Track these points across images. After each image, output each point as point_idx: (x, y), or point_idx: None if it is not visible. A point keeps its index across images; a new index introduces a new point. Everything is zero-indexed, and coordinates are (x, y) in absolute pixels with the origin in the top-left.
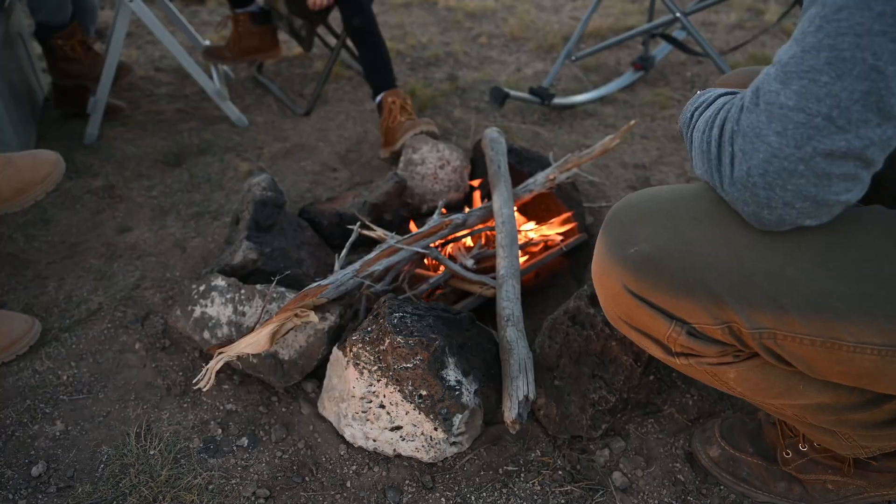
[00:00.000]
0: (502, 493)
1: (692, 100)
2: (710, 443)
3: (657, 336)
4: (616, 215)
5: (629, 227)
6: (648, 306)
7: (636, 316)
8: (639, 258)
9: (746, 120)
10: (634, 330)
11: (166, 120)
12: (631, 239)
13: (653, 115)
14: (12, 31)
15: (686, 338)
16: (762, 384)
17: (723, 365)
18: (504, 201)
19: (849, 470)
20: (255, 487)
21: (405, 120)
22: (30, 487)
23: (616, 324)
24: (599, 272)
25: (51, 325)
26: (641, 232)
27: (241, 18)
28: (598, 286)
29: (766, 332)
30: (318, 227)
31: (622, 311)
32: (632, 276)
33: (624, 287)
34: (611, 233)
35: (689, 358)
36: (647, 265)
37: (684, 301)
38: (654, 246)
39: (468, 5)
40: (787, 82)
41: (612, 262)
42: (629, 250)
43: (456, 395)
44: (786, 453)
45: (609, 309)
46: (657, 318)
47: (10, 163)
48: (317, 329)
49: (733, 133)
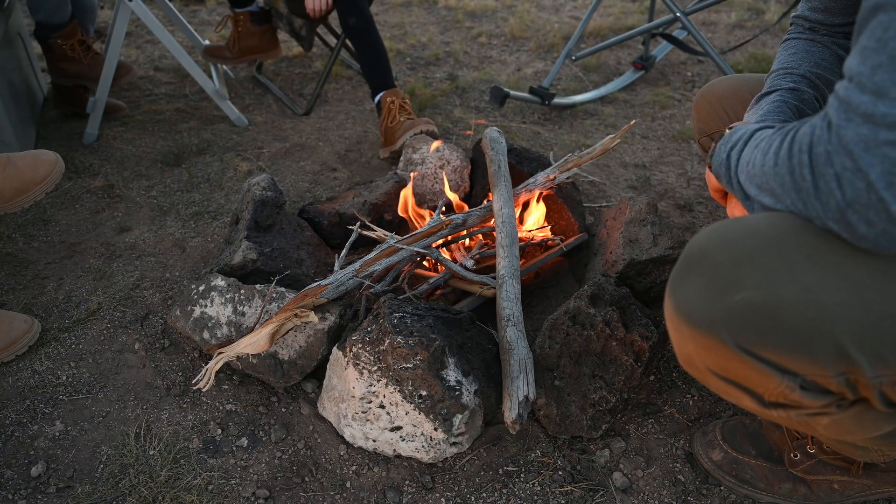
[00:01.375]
0: (502, 493)
1: (721, 142)
2: (712, 446)
3: (754, 388)
4: (708, 253)
5: (731, 269)
6: (757, 360)
7: (734, 369)
8: (749, 308)
9: (848, 135)
10: (725, 381)
11: (166, 120)
12: (735, 283)
13: (653, 114)
14: (12, 31)
15: (799, 392)
16: (852, 428)
17: (821, 415)
18: (504, 201)
19: (857, 471)
20: (254, 488)
21: (405, 119)
22: (29, 488)
23: (701, 375)
24: (691, 321)
25: (50, 325)
26: (749, 276)
27: (240, 18)
28: (688, 337)
29: (885, 379)
30: (318, 226)
31: (715, 363)
32: (739, 327)
33: (727, 340)
34: (704, 273)
35: (788, 410)
36: (759, 315)
37: (802, 354)
38: (769, 293)
39: (468, 5)
40: (882, 94)
41: (712, 309)
42: (734, 297)
43: (456, 396)
44: (794, 455)
45: (698, 360)
46: (764, 373)
47: (10, 163)
48: (317, 329)
49: (829, 154)
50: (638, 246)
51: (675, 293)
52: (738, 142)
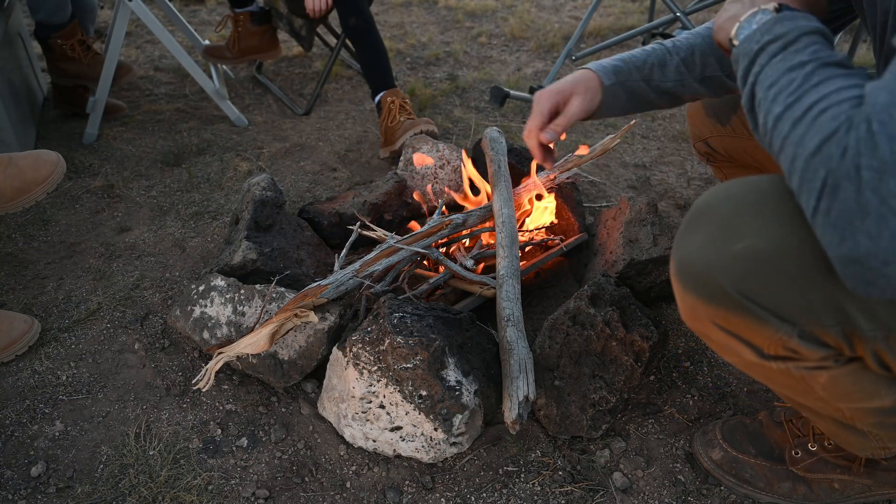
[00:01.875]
0: (502, 493)
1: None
2: (712, 445)
3: (753, 339)
4: (712, 206)
5: (732, 221)
6: (757, 307)
7: (735, 318)
8: (750, 255)
9: (845, 191)
10: (725, 332)
11: (166, 119)
12: (737, 233)
13: (653, 114)
14: (12, 31)
15: (797, 341)
16: (850, 388)
17: (819, 369)
18: (504, 201)
19: (858, 469)
20: (254, 488)
21: (405, 119)
22: (29, 488)
23: (699, 325)
24: (692, 270)
25: (50, 325)
26: (750, 225)
27: (240, 18)
28: (690, 285)
29: (880, 335)
30: (318, 226)
31: (716, 313)
32: (741, 274)
33: (728, 287)
34: (707, 225)
35: (787, 362)
36: (760, 262)
37: (801, 302)
38: (769, 241)
39: (468, 5)
40: (890, 172)
41: (715, 259)
42: (736, 246)
43: (456, 396)
44: (794, 452)
45: (699, 309)
46: (764, 321)
47: (11, 163)
48: (316, 329)
49: (833, 184)
50: (638, 246)
51: (680, 247)
52: (779, 38)
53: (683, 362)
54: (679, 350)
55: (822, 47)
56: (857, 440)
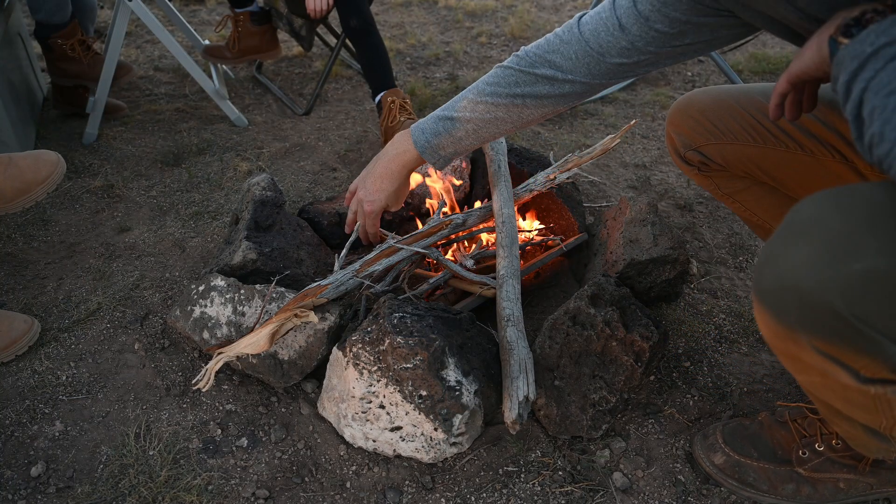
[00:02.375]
0: (502, 493)
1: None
2: (714, 449)
3: (854, 363)
4: (821, 219)
5: (849, 236)
6: (871, 330)
7: (838, 341)
8: (870, 276)
9: None
10: (822, 355)
11: (166, 119)
12: (854, 251)
13: (653, 114)
14: (12, 31)
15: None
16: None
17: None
18: (504, 201)
19: (864, 469)
20: (254, 488)
21: (405, 119)
22: (29, 488)
23: (794, 347)
24: (798, 289)
25: (50, 325)
26: (869, 243)
27: (240, 18)
28: (788, 305)
29: None
30: (318, 226)
31: (817, 336)
32: (857, 296)
33: (842, 309)
34: (818, 240)
35: (885, 386)
36: (880, 284)
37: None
38: (892, 261)
39: (468, 5)
40: None
41: (825, 277)
42: (855, 266)
43: (456, 396)
44: (802, 452)
45: (796, 332)
46: (875, 345)
47: (11, 163)
48: (316, 329)
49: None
50: (638, 246)
51: (778, 262)
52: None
53: (683, 362)
54: (679, 350)
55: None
56: (878, 444)
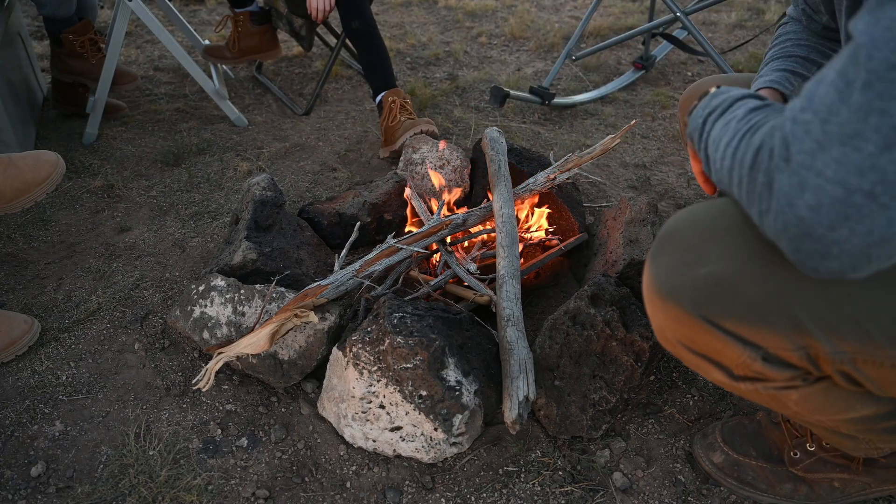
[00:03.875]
0: (502, 493)
1: (703, 102)
2: (713, 448)
3: (723, 361)
4: (678, 230)
5: (696, 246)
6: (720, 331)
7: (701, 340)
8: (712, 280)
9: (778, 180)
10: (694, 354)
11: (165, 119)
12: (700, 259)
13: (653, 114)
14: (12, 31)
15: (761, 364)
16: (822, 405)
17: (789, 389)
18: (504, 201)
19: (857, 468)
20: (254, 488)
21: (405, 119)
22: (29, 488)
23: (672, 347)
24: (660, 293)
25: (50, 325)
26: (713, 251)
27: (240, 18)
28: (658, 308)
29: (846, 357)
30: (318, 226)
31: (684, 335)
32: (703, 298)
33: (692, 310)
34: (674, 250)
35: (755, 383)
36: (721, 287)
37: (762, 326)
38: (730, 267)
39: (468, 5)
40: (826, 146)
41: (679, 282)
42: (699, 271)
43: (456, 396)
44: (793, 453)
45: (668, 332)
46: (728, 344)
47: (11, 163)
48: (316, 329)
49: (766, 181)
50: (638, 246)
51: (648, 269)
52: (716, 108)
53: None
54: None
55: (753, 102)
56: (848, 442)
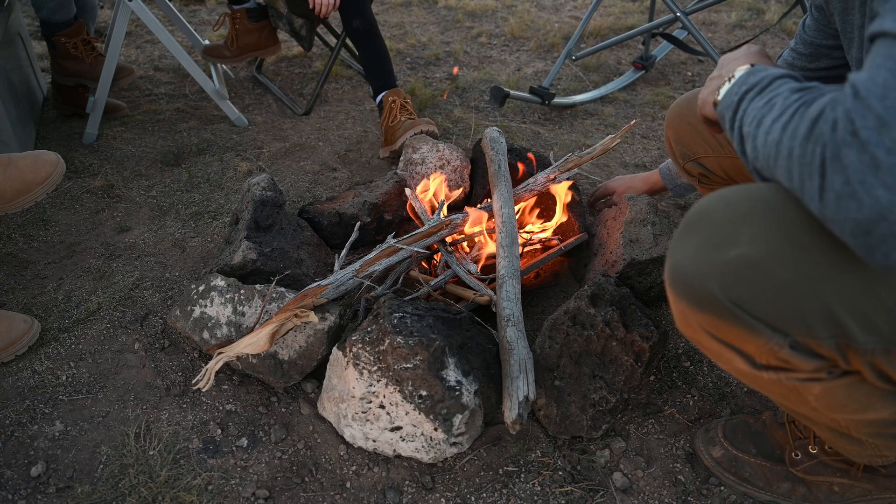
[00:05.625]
0: (502, 493)
1: (738, 79)
2: (713, 443)
3: (745, 349)
4: (708, 212)
5: (727, 228)
6: (747, 315)
7: (726, 326)
8: (743, 262)
9: (847, 156)
10: (717, 341)
11: (165, 119)
12: (732, 240)
13: (653, 114)
14: (12, 31)
15: (788, 351)
16: (843, 401)
17: (812, 381)
18: (504, 201)
19: (857, 474)
20: (254, 488)
21: (405, 119)
22: (29, 488)
23: (692, 333)
24: (685, 276)
25: (50, 325)
26: (745, 233)
27: (237, 15)
28: (682, 291)
29: (879, 348)
30: (318, 226)
31: (707, 320)
32: (733, 281)
33: (720, 294)
34: (702, 231)
35: (779, 372)
36: (752, 270)
37: (793, 312)
38: (763, 249)
39: (468, 5)
40: (890, 123)
41: (707, 265)
42: (730, 253)
43: (456, 396)
44: (795, 454)
45: (691, 317)
46: (754, 330)
47: (11, 163)
48: (316, 329)
49: (832, 155)
50: (638, 246)
51: (674, 253)
52: (755, 86)
53: (683, 362)
54: (679, 350)
55: (795, 83)
56: (854, 448)
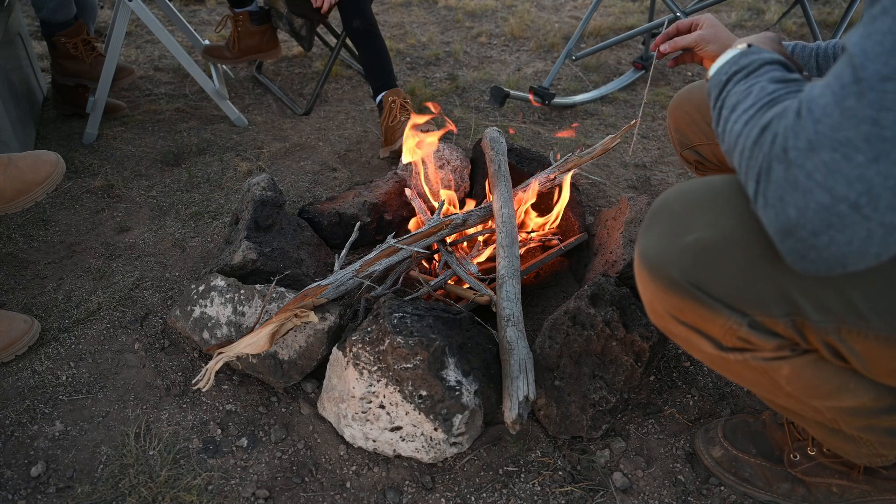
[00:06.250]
0: (502, 493)
1: (732, 57)
2: (713, 443)
3: (709, 331)
4: (667, 204)
5: (685, 216)
6: (707, 296)
7: (689, 309)
8: (699, 246)
9: (775, 170)
10: (683, 325)
11: (166, 119)
12: (689, 227)
13: (653, 114)
14: (12, 31)
15: (747, 330)
16: (814, 381)
17: (778, 360)
18: (504, 201)
19: (857, 476)
20: (254, 488)
21: (405, 119)
22: (29, 488)
23: (660, 320)
24: (649, 263)
25: (50, 325)
26: (700, 219)
27: (240, 18)
28: (648, 278)
29: (830, 327)
30: (318, 226)
31: (672, 305)
32: (690, 264)
33: (679, 277)
34: (663, 221)
35: (744, 353)
36: (708, 253)
37: (748, 291)
38: (717, 233)
39: (468, 5)
40: (817, 148)
41: (667, 251)
42: (687, 238)
43: (456, 396)
44: (793, 456)
45: (657, 302)
46: (715, 310)
47: (11, 163)
48: (316, 329)
49: (766, 166)
50: None
51: (640, 244)
52: (743, 68)
53: (683, 362)
54: (679, 350)
55: (781, 72)
56: (850, 447)
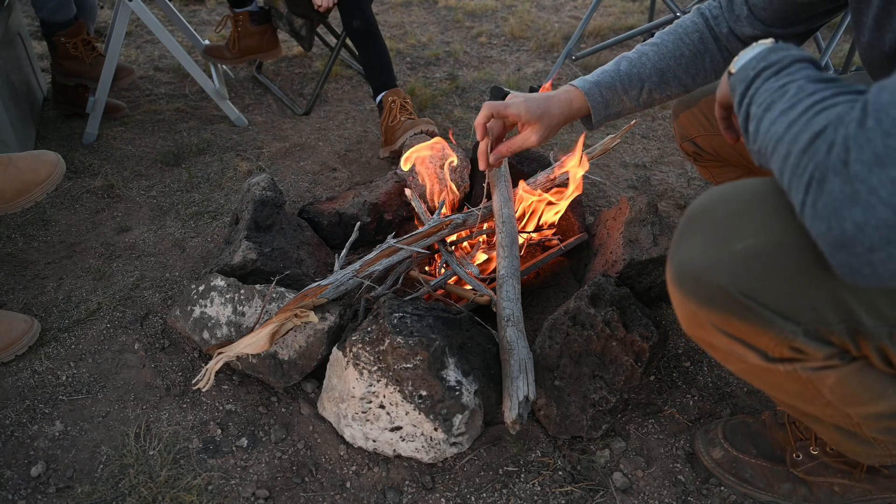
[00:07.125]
0: (502, 493)
1: (758, 54)
2: (713, 444)
3: (757, 342)
4: (708, 210)
5: (730, 222)
6: (759, 306)
7: (737, 321)
8: (750, 254)
9: (831, 182)
10: (727, 336)
11: (165, 119)
12: (737, 234)
13: (653, 114)
14: (12, 31)
15: (801, 339)
16: (858, 389)
17: (826, 369)
18: (504, 201)
19: (860, 475)
20: (254, 488)
21: (405, 119)
22: (29, 488)
23: (701, 332)
24: (693, 273)
25: (50, 325)
26: (749, 226)
27: (240, 18)
28: (690, 288)
29: (885, 331)
30: (318, 226)
31: (717, 317)
32: (742, 273)
33: (730, 286)
34: (705, 228)
35: (794, 363)
36: (759, 260)
37: (802, 299)
38: (768, 239)
39: (468, 5)
40: (885, 163)
41: (715, 259)
42: (737, 245)
43: (456, 396)
44: (796, 455)
45: (702, 315)
46: (766, 320)
47: (11, 163)
48: (316, 329)
49: (820, 176)
50: (638, 246)
51: (677, 253)
52: (773, 64)
53: (683, 362)
54: (679, 350)
55: (813, 71)
56: (863, 448)
